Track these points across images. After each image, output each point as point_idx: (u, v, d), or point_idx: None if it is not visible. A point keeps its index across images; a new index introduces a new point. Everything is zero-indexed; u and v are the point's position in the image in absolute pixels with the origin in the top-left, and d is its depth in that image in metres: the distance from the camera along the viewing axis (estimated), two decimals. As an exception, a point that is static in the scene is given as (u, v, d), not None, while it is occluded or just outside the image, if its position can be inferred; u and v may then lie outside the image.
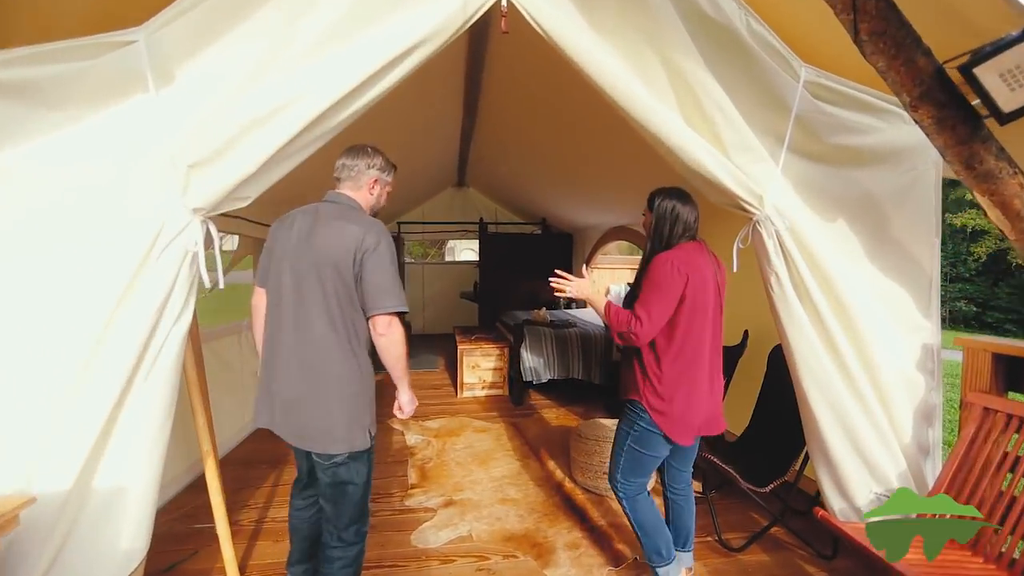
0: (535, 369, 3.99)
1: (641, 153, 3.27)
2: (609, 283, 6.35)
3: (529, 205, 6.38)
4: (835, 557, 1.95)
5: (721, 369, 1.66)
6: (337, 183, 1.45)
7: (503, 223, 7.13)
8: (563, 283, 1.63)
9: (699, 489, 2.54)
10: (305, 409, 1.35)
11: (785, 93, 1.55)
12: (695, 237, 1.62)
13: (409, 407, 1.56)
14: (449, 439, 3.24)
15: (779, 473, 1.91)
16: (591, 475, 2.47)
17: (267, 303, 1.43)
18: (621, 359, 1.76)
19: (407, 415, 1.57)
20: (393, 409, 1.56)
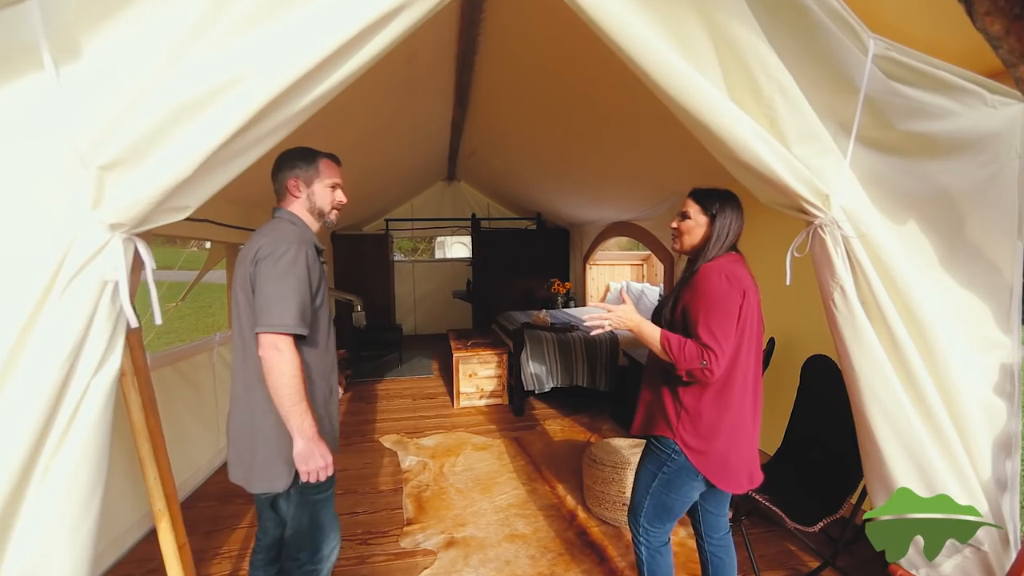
0: (537, 377, 3.73)
1: (646, 146, 3.01)
2: (609, 281, 6.11)
3: (523, 200, 6.08)
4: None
5: (761, 401, 1.42)
6: None
7: (496, 218, 6.83)
8: (604, 317, 1.32)
9: (730, 517, 2.32)
10: (232, 443, 1.28)
11: (851, 69, 1.27)
12: (735, 246, 1.39)
13: (307, 462, 1.15)
14: (447, 459, 2.97)
15: (829, 510, 1.67)
16: (608, 506, 2.22)
17: None
18: (645, 380, 1.49)
19: (311, 477, 1.17)
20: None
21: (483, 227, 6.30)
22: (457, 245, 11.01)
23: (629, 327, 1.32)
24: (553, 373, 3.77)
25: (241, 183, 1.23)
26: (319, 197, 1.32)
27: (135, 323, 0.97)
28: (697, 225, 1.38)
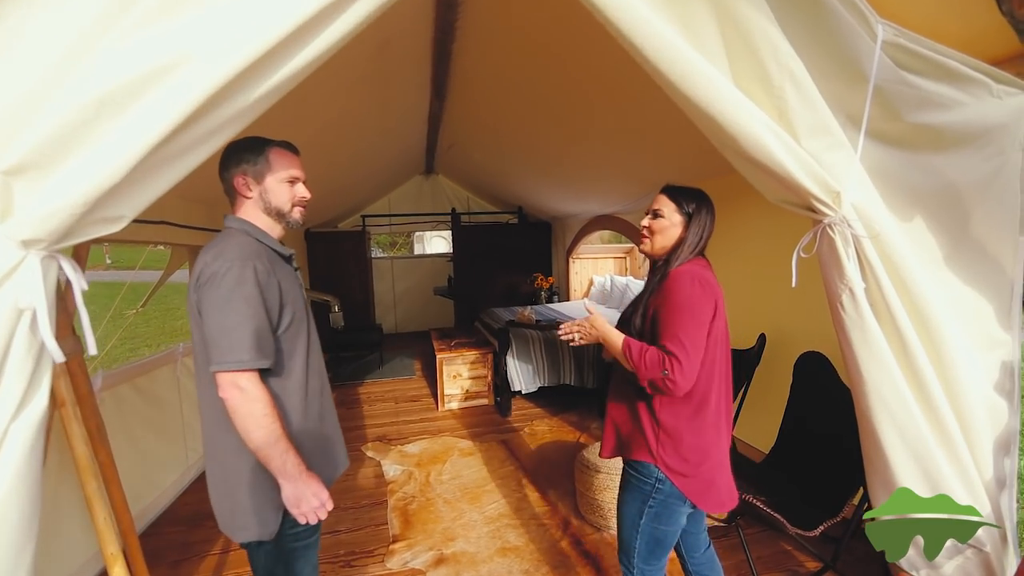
0: (524, 377, 3.64)
1: (631, 138, 2.92)
2: (592, 274, 6.05)
3: (504, 193, 5.94)
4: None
5: (732, 417, 1.35)
6: None
7: (476, 212, 6.67)
8: (572, 332, 1.29)
9: (724, 517, 2.28)
10: (209, 489, 1.12)
11: (861, 57, 1.19)
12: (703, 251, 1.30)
13: (298, 505, 1.01)
14: (433, 467, 2.85)
15: (830, 513, 1.63)
16: (603, 512, 2.14)
17: None
18: (614, 396, 1.34)
19: (309, 519, 1.03)
20: None
21: (463, 222, 6.14)
22: (436, 239, 10.77)
23: (598, 337, 1.25)
24: (540, 372, 3.69)
25: (203, 181, 1.08)
26: (274, 194, 1.11)
27: (59, 357, 0.81)
28: (672, 225, 1.26)
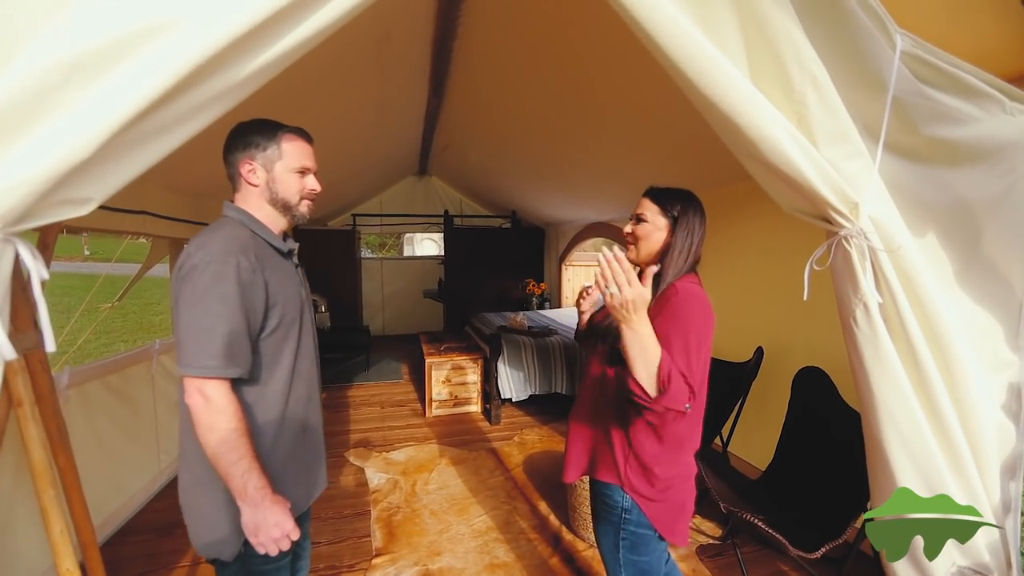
0: (514, 385, 3.56)
1: (632, 145, 2.89)
2: (585, 282, 6.01)
3: (499, 197, 5.88)
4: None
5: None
6: None
7: (469, 216, 6.60)
8: (610, 278, 0.93)
9: (720, 535, 2.23)
10: (180, 495, 1.02)
11: (881, 66, 1.16)
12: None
13: (255, 534, 0.90)
14: (419, 476, 2.75)
15: (832, 535, 1.58)
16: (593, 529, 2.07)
17: None
18: (581, 413, 1.25)
19: (268, 549, 0.91)
20: None
21: (456, 224, 6.07)
22: (427, 242, 10.66)
23: (626, 318, 0.94)
24: (531, 380, 3.61)
25: (190, 172, 0.99)
26: (283, 184, 1.03)
27: (9, 354, 0.72)
28: (656, 229, 1.18)
